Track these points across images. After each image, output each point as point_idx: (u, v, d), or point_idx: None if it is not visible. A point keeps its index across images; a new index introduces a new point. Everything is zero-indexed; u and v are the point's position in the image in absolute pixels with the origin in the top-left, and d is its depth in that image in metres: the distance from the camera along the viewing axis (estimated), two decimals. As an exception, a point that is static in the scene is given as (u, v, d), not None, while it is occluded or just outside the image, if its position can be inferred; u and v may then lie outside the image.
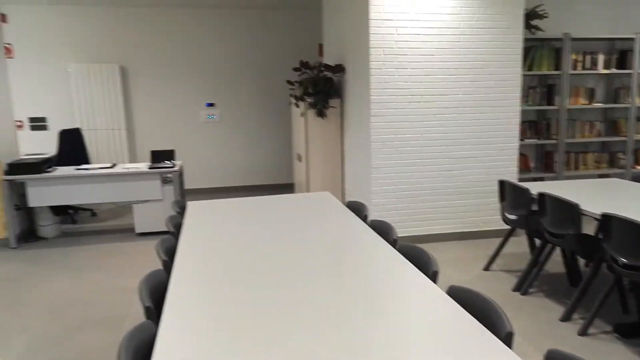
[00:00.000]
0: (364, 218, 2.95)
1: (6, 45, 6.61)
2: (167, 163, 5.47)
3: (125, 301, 3.72)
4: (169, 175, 5.43)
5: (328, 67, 5.52)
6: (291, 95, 5.84)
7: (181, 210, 3.36)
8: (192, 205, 3.44)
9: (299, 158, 6.05)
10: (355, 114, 5.13)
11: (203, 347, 1.49)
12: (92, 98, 6.89)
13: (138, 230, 5.37)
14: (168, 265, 2.27)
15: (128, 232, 5.58)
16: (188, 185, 7.57)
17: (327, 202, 3.41)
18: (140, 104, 7.19)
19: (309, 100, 5.54)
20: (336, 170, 5.79)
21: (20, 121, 6.87)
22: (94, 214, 6.40)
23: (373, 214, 4.71)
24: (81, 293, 3.89)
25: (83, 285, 4.05)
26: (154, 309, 1.80)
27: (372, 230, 2.67)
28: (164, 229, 5.40)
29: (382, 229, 2.67)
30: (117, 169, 5.28)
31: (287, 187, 7.75)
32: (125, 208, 6.70)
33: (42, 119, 6.92)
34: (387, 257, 2.24)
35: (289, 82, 5.68)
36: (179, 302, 1.81)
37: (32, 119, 6.89)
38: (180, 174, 5.42)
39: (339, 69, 5.46)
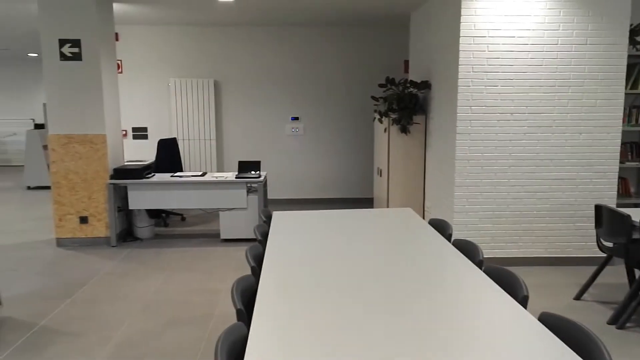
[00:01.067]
0: (448, 237, 2.91)
1: (116, 61, 7.27)
2: (253, 173, 5.71)
3: (211, 302, 3.92)
4: (254, 185, 5.67)
5: (413, 84, 5.51)
6: (375, 111, 5.88)
7: (267, 219, 3.50)
8: (277, 215, 3.57)
9: (380, 173, 6.06)
10: (439, 131, 5.06)
11: (291, 348, 1.56)
12: (188, 110, 7.37)
13: (223, 236, 5.64)
14: (256, 271, 2.38)
15: (214, 237, 5.87)
16: (270, 195, 7.83)
17: (409, 218, 3.39)
18: (229, 116, 7.58)
19: (393, 116, 5.56)
20: (417, 186, 5.73)
21: (124, 130, 7.51)
22: (183, 219, 6.81)
23: (455, 232, 4.60)
24: (173, 293, 4.15)
25: (174, 285, 4.33)
26: (245, 312, 1.90)
27: (456, 250, 2.62)
28: (247, 236, 5.63)
29: (467, 249, 2.61)
30: (207, 178, 5.59)
31: (366, 202, 7.77)
32: (211, 214, 7.06)
33: (144, 129, 7.51)
34: (474, 279, 2.19)
35: (373, 97, 5.73)
36: (267, 306, 1.89)
37: (135, 129, 7.50)
38: (264, 184, 5.63)
39: (425, 85, 5.43)
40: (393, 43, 7.56)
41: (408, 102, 5.49)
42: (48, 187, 9.19)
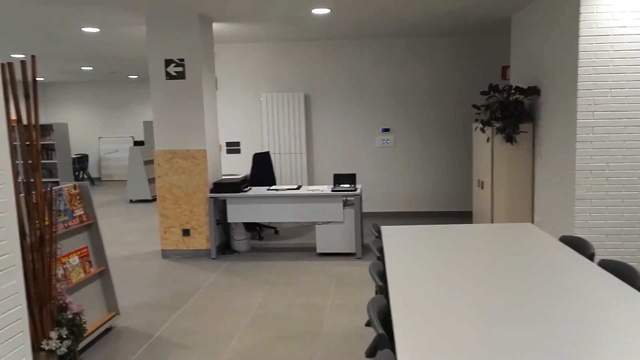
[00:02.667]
0: (589, 256, 2.60)
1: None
2: (349, 186, 5.61)
3: (317, 319, 3.83)
4: (350, 198, 5.57)
5: (519, 90, 5.17)
6: (476, 120, 5.59)
7: (378, 233, 3.36)
8: (387, 230, 3.42)
9: (481, 185, 5.73)
10: (553, 139, 4.68)
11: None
12: (279, 124, 7.47)
13: (319, 250, 5.58)
14: (383, 289, 2.25)
15: (309, 251, 5.83)
16: (363, 208, 7.69)
17: (533, 235, 3.11)
18: (320, 129, 7.58)
19: (497, 124, 5.24)
20: (524, 199, 5.34)
21: (219, 145, 7.75)
22: (276, 232, 6.86)
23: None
24: (276, 307, 4.12)
25: (277, 299, 4.30)
26: (387, 336, 1.77)
27: (606, 272, 2.32)
28: (343, 250, 5.53)
29: (620, 271, 2.31)
30: (302, 191, 5.57)
31: (464, 215, 7.41)
32: (304, 228, 7.05)
33: (237, 143, 7.71)
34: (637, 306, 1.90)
35: (475, 106, 5.45)
36: (407, 329, 1.74)
37: (229, 143, 7.71)
38: (360, 197, 5.52)
39: (532, 91, 5.06)
40: (487, 50, 7.21)
41: (513, 110, 5.15)
42: (148, 201, 9.71)
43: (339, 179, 5.72)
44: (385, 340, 1.74)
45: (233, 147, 7.73)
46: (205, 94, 5.54)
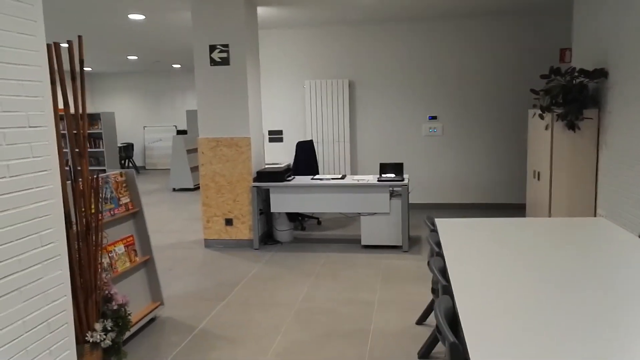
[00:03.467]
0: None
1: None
2: (395, 176, 5.38)
3: (365, 316, 3.66)
4: (397, 188, 5.34)
5: (584, 72, 4.78)
6: (534, 106, 5.23)
7: (433, 227, 3.14)
8: (442, 224, 3.20)
9: (537, 176, 5.37)
10: (623, 127, 4.29)
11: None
12: (322, 112, 7.29)
13: (364, 242, 5.39)
14: (447, 289, 2.04)
15: (353, 243, 5.65)
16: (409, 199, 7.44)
17: (608, 231, 2.81)
18: (364, 117, 7.35)
19: (558, 110, 4.87)
20: (586, 191, 4.96)
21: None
22: (319, 223, 6.71)
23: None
24: (322, 301, 3.97)
25: (322, 293, 4.15)
26: (459, 344, 1.56)
27: None
28: (389, 243, 5.32)
29: None
30: (347, 181, 5.39)
31: (516, 208, 7.05)
32: (348, 219, 6.87)
33: (279, 132, 7.59)
34: None
35: (533, 91, 5.09)
36: (479, 336, 1.53)
37: (271, 132, 7.60)
38: (407, 187, 5.28)
39: (599, 73, 4.67)
40: (544, 31, 6.76)
41: (577, 94, 4.77)
42: (191, 189, 9.77)
43: (385, 168, 5.50)
44: (458, 350, 1.54)
45: (275, 136, 7.62)
46: (249, 80, 5.42)
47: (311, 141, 6.59)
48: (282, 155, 7.62)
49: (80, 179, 2.55)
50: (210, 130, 5.50)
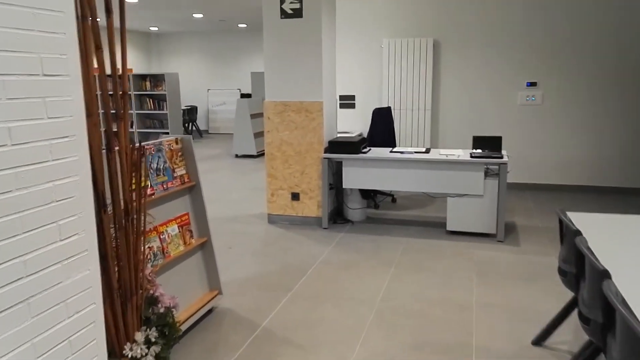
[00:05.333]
0: None
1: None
2: (492, 152, 4.54)
3: (463, 324, 2.96)
4: (493, 167, 4.51)
5: None
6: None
7: (570, 224, 2.35)
8: (580, 219, 2.40)
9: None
10: None
11: None
12: (402, 75, 6.46)
13: (450, 227, 4.64)
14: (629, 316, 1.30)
15: (436, 227, 4.91)
16: (492, 177, 6.55)
17: None
18: (449, 81, 6.45)
19: None
20: None
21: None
22: (394, 200, 6.00)
23: None
24: (406, 300, 3.31)
25: (407, 288, 3.48)
26: None
27: None
28: (482, 230, 4.54)
29: None
30: (433, 155, 4.62)
31: (632, 193, 5.99)
32: (427, 198, 6.11)
33: (351, 97, 6.85)
34: None
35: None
36: None
37: (342, 97, 6.88)
38: (506, 166, 4.43)
39: None
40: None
41: None
42: (254, 156, 9.31)
43: (479, 142, 4.66)
44: None
45: (347, 102, 6.89)
46: (324, 35, 4.70)
47: (389, 108, 5.82)
48: (353, 123, 6.91)
49: (117, 148, 1.99)
50: (277, 92, 4.87)
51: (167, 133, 10.10)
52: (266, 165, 5.06)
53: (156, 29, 12.56)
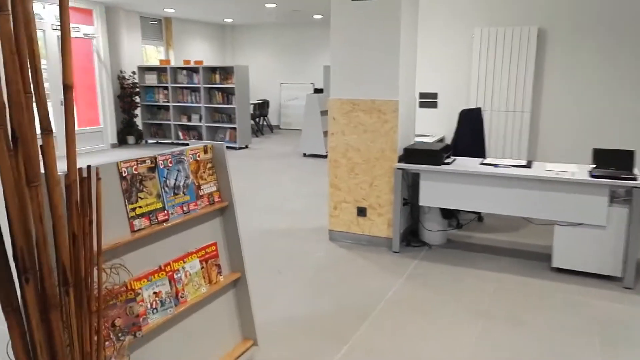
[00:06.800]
0: None
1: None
2: (620, 170, 3.48)
3: None
4: (621, 190, 3.46)
5: None
6: None
7: None
8: None
9: None
10: None
11: None
12: (495, 71, 5.44)
13: (557, 263, 3.64)
14: None
15: (538, 260, 3.92)
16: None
17: None
18: (555, 79, 5.34)
19: None
20: None
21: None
22: (480, 219, 5.03)
23: None
24: (501, 375, 2.43)
25: (500, 354, 2.60)
26: None
27: None
28: (602, 271, 3.50)
29: None
30: (536, 171, 3.64)
31: None
32: (523, 220, 5.08)
33: (433, 95, 5.93)
34: None
35: None
36: None
37: (423, 95, 5.98)
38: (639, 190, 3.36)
39: None
40: None
41: None
42: (323, 156, 8.63)
43: (603, 157, 3.61)
44: None
45: (428, 100, 5.98)
46: (403, 22, 3.87)
47: (479, 110, 4.85)
48: (434, 126, 5.98)
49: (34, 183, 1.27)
50: (345, 89, 4.11)
51: (234, 129, 9.68)
52: (329, 173, 4.32)
53: (231, 20, 12.24)
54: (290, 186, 6.51)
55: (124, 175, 1.90)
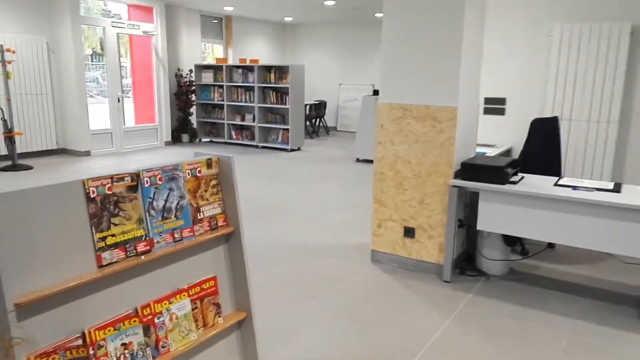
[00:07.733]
0: None
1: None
2: None
3: None
4: None
5: None
6: None
7: None
8: None
9: None
10: None
11: None
12: (577, 74, 4.71)
13: (648, 313, 2.95)
14: None
15: (624, 305, 3.23)
16: None
17: None
18: (651, 85, 4.53)
19: None
20: None
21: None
22: (551, 246, 4.34)
23: None
24: None
25: None
26: None
27: None
28: None
29: None
30: (628, 197, 2.96)
31: None
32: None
33: (500, 101, 5.26)
34: None
35: None
36: None
37: (488, 100, 5.32)
38: None
39: None
40: None
41: None
42: (375, 163, 8.10)
43: None
44: None
45: (494, 106, 5.31)
46: (467, 15, 3.30)
47: (556, 119, 4.16)
48: (500, 135, 5.31)
49: None
50: (395, 92, 3.60)
51: (287, 130, 9.36)
52: (373, 187, 3.83)
53: (291, 18, 11.96)
54: (336, 195, 6.06)
55: (91, 196, 1.53)
